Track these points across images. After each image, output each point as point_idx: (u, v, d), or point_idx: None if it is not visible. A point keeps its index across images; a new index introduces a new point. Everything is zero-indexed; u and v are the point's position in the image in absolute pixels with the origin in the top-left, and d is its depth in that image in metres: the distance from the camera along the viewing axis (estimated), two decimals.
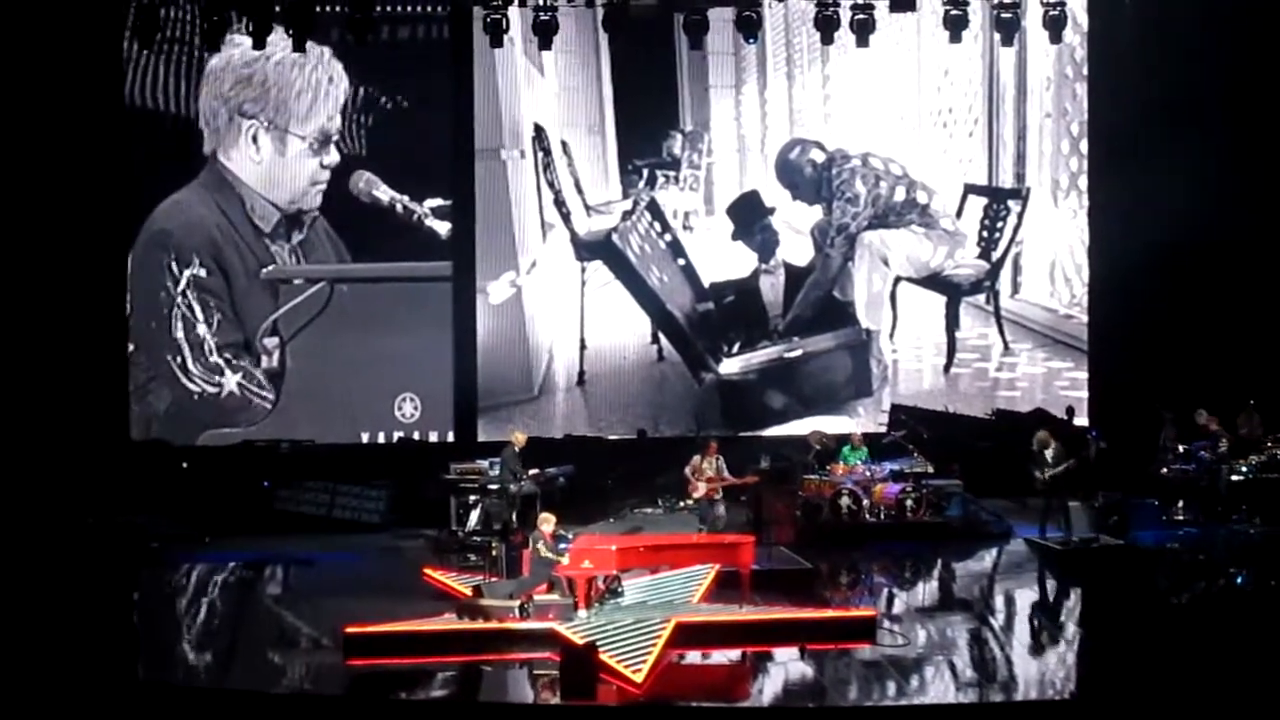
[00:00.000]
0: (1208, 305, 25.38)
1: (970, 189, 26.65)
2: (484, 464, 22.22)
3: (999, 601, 20.03)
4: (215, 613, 19.63)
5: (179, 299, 25.79)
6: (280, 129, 25.81)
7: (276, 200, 25.92)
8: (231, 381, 25.84)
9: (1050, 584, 20.55)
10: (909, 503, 22.53)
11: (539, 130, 26.39)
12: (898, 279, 26.60)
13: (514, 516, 21.28)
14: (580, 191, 26.49)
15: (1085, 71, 26.29)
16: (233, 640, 18.16)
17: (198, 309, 25.78)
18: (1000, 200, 26.66)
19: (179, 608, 19.62)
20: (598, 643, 15.34)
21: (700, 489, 21.09)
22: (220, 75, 25.67)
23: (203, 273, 25.81)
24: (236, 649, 17.62)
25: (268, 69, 25.60)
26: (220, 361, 25.80)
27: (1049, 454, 21.72)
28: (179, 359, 25.79)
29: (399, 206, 25.99)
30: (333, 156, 25.96)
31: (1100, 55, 26.02)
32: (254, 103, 25.79)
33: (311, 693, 15.49)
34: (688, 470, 21.43)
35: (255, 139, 25.81)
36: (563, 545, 17.50)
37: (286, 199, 25.96)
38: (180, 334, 25.82)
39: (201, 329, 25.76)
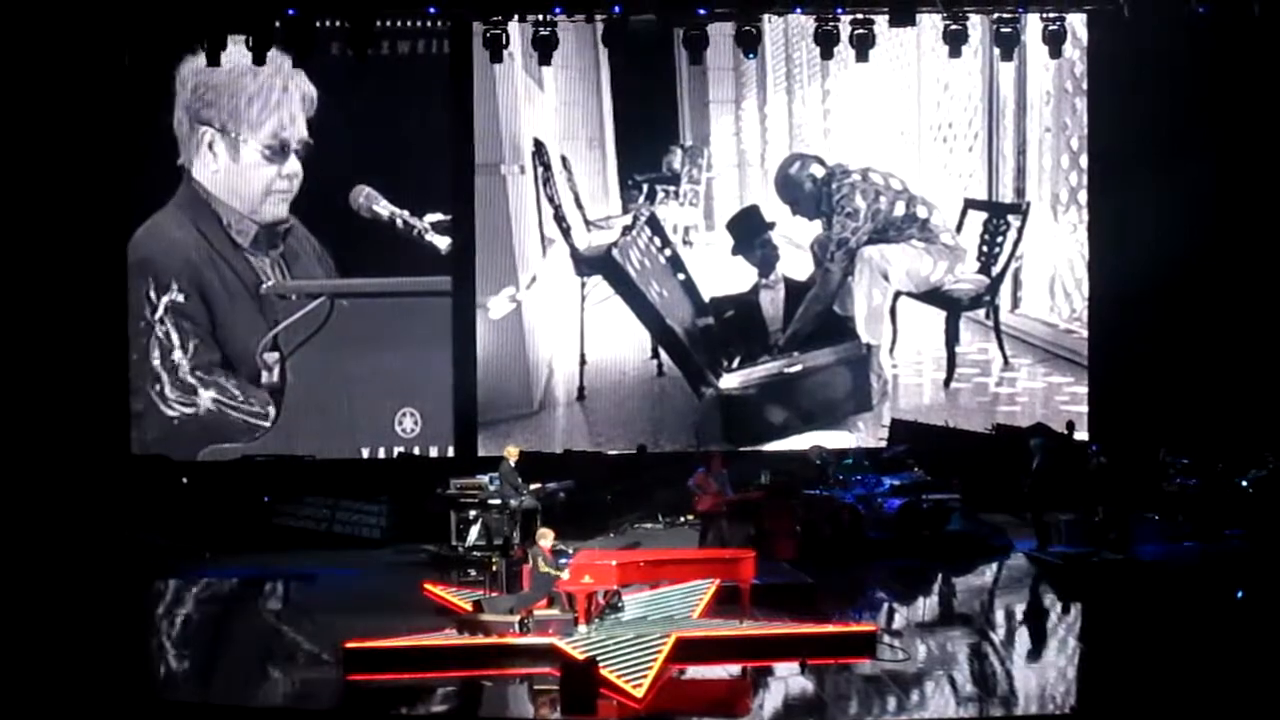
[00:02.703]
0: (1207, 319, 25.41)
1: (970, 204, 26.68)
2: (484, 479, 22.16)
3: (999, 616, 20.02)
4: (215, 628, 19.61)
5: (157, 327, 25.69)
6: (233, 136, 25.77)
7: (242, 210, 25.84)
8: (206, 399, 25.78)
9: (1050, 598, 20.55)
10: (909, 517, 22.50)
11: (539, 145, 26.41)
12: (898, 294, 26.61)
13: (514, 532, 21.26)
14: (580, 206, 26.50)
15: (1085, 86, 26.33)
16: (233, 656, 18.15)
17: (174, 334, 25.66)
18: (1000, 215, 26.68)
19: (179, 623, 19.59)
20: (598, 658, 15.33)
21: (706, 503, 21.13)
22: (184, 84, 25.63)
23: (180, 298, 25.70)
24: (237, 664, 17.61)
25: (221, 75, 25.39)
26: (193, 381, 25.72)
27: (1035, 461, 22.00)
28: (157, 387, 25.73)
29: (399, 222, 25.99)
30: (292, 166, 25.84)
31: (1100, 70, 26.05)
32: (209, 108, 25.72)
33: (311, 708, 15.48)
34: (692, 483, 21.46)
35: (212, 146, 25.76)
36: (563, 560, 17.49)
37: (248, 208, 25.87)
38: (157, 361, 25.72)
39: (177, 354, 25.67)
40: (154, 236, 25.71)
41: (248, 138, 25.77)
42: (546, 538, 17.29)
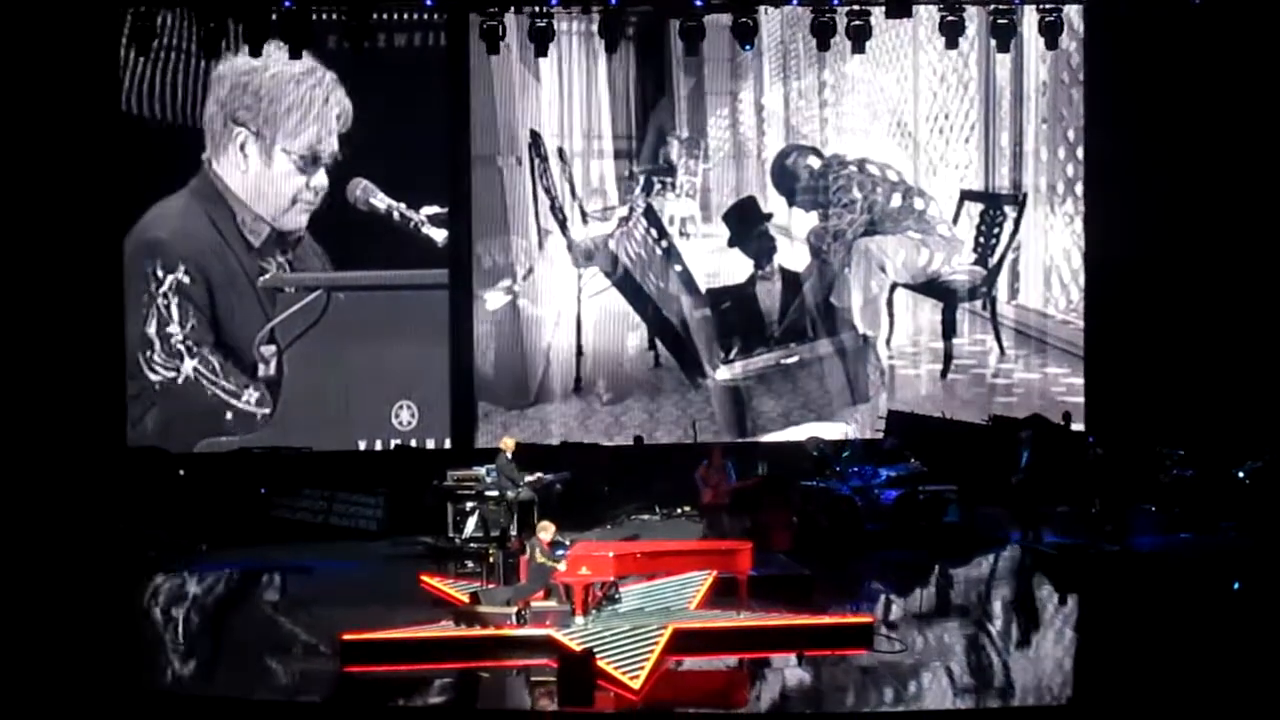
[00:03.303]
0: (1203, 311, 25.41)
1: (966, 195, 26.67)
2: (481, 471, 22.20)
3: (996, 607, 20.04)
4: (212, 621, 19.62)
5: (159, 299, 25.64)
6: (268, 141, 25.72)
7: (261, 213, 25.81)
8: (187, 367, 25.68)
9: (1046, 590, 20.58)
10: (906, 509, 22.51)
11: (535, 137, 26.39)
12: (894, 285, 26.62)
13: (511, 523, 21.29)
14: (577, 198, 26.49)
15: (1081, 77, 26.31)
16: (230, 648, 18.14)
17: (174, 310, 25.60)
18: (996, 206, 26.68)
19: (176, 616, 19.61)
20: (595, 649, 15.35)
21: (709, 495, 21.15)
22: (222, 80, 25.59)
23: (186, 280, 25.64)
24: (234, 657, 17.61)
25: (264, 79, 25.50)
26: (180, 348, 25.65)
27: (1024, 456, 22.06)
28: (148, 353, 25.65)
29: (396, 214, 25.97)
30: (320, 179, 25.78)
31: (1096, 61, 26.03)
32: (246, 110, 25.68)
33: (309, 700, 15.49)
34: (697, 476, 21.48)
35: (244, 148, 25.72)
36: (560, 552, 17.48)
37: (270, 214, 25.83)
38: (152, 330, 25.64)
39: (173, 327, 25.61)
40: (165, 219, 25.61)
41: (283, 145, 25.71)
42: (546, 530, 17.30)
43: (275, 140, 25.71)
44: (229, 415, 25.81)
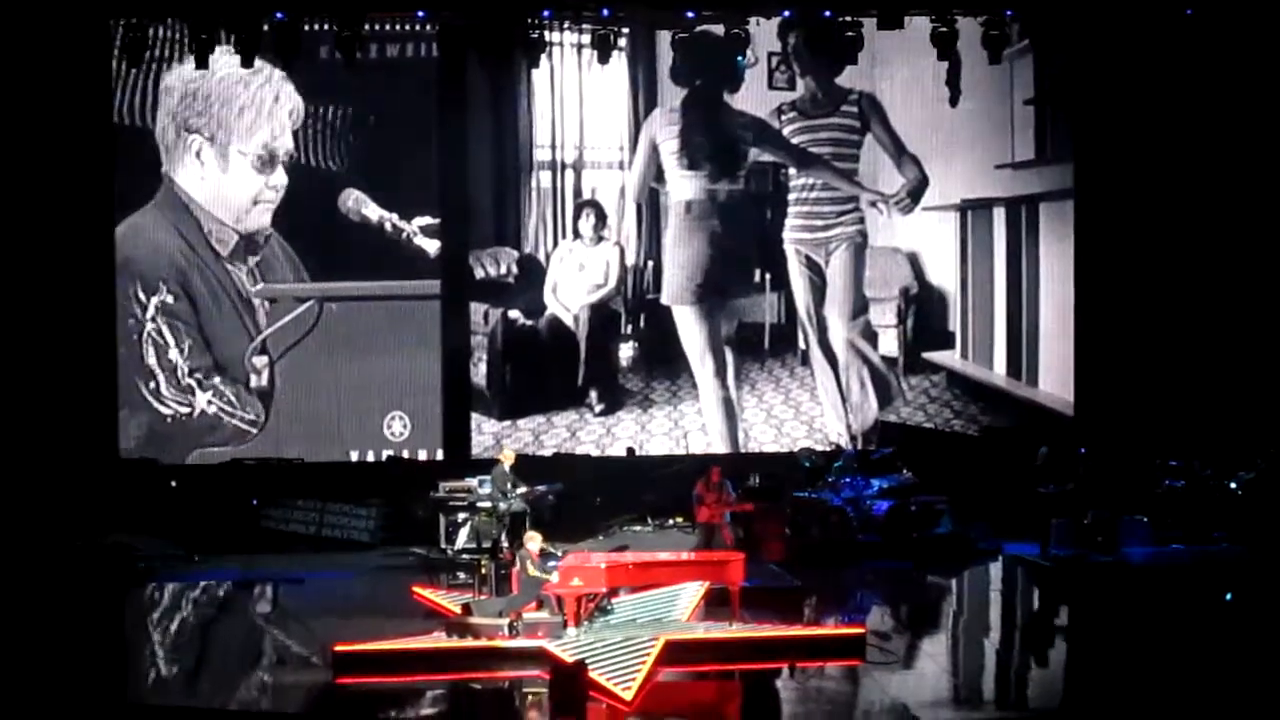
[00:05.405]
0: (1194, 321, 25.43)
1: (957, 206, 26.69)
2: (473, 482, 22.17)
3: (987, 617, 20.05)
4: (204, 632, 19.60)
5: (148, 325, 25.59)
6: (222, 145, 25.69)
7: (224, 219, 25.76)
8: (202, 400, 25.69)
9: (1038, 600, 20.59)
10: (898, 520, 22.51)
11: (529, 149, 26.40)
12: (885, 296, 26.64)
13: (503, 534, 21.25)
14: (570, 210, 26.49)
15: (1072, 89, 26.26)
16: (221, 660, 18.13)
17: (168, 334, 25.58)
18: (988, 218, 26.69)
19: (167, 627, 19.58)
20: (587, 661, 15.34)
21: (704, 514, 21.14)
22: (170, 91, 25.54)
23: (170, 299, 25.59)
24: (225, 668, 17.60)
25: (211, 84, 25.45)
26: (191, 383, 25.66)
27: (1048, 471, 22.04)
28: (152, 384, 25.63)
29: (388, 225, 25.95)
30: (279, 177, 25.74)
31: (1087, 73, 26.02)
32: (198, 117, 25.62)
33: (300, 711, 15.47)
34: (695, 492, 21.45)
35: (199, 154, 25.68)
36: (551, 563, 17.48)
37: (234, 218, 25.79)
38: (153, 359, 25.62)
39: (174, 354, 25.59)
40: (137, 237, 25.57)
41: (238, 147, 25.69)
42: (534, 540, 17.29)
43: (230, 143, 25.67)
44: (247, 439, 25.81)
